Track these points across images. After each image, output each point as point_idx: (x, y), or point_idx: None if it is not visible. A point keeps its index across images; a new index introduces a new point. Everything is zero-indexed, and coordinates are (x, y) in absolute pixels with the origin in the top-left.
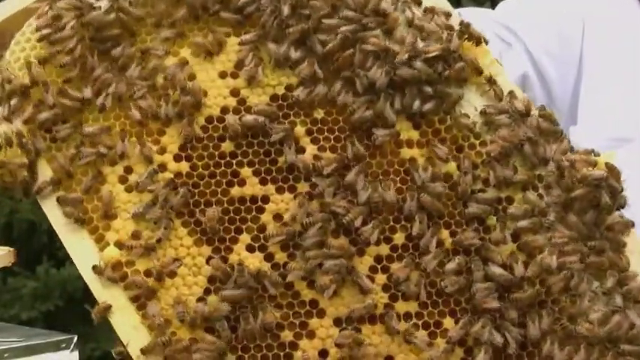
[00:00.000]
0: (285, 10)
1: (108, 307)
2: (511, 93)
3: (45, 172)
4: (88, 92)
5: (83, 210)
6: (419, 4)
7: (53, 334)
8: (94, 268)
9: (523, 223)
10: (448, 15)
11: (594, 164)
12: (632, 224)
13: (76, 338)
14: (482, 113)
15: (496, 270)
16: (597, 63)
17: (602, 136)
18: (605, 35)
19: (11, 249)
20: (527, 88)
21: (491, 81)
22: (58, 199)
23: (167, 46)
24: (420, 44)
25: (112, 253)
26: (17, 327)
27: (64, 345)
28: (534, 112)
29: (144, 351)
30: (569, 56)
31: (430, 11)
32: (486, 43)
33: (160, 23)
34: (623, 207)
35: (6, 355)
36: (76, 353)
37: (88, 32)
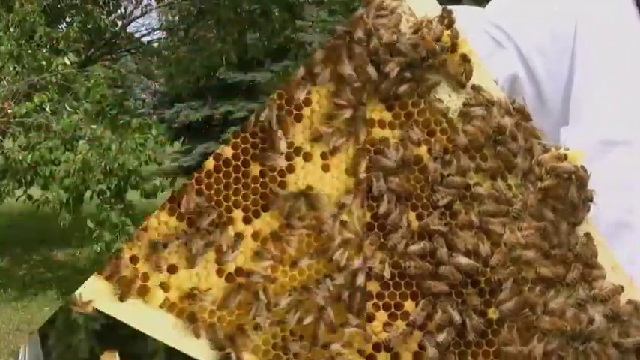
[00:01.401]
0: None
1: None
2: (476, 86)
3: None
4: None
5: None
6: None
7: None
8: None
9: (489, 207)
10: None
11: (564, 158)
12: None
13: None
14: (465, 105)
15: (462, 260)
16: (590, 61)
17: (594, 137)
18: (599, 33)
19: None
20: (516, 88)
21: (465, 59)
22: None
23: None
24: (404, 28)
25: None
26: None
27: None
28: (507, 104)
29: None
30: (561, 52)
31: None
32: (452, 24)
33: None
34: (590, 200)
35: None
36: None
37: None
